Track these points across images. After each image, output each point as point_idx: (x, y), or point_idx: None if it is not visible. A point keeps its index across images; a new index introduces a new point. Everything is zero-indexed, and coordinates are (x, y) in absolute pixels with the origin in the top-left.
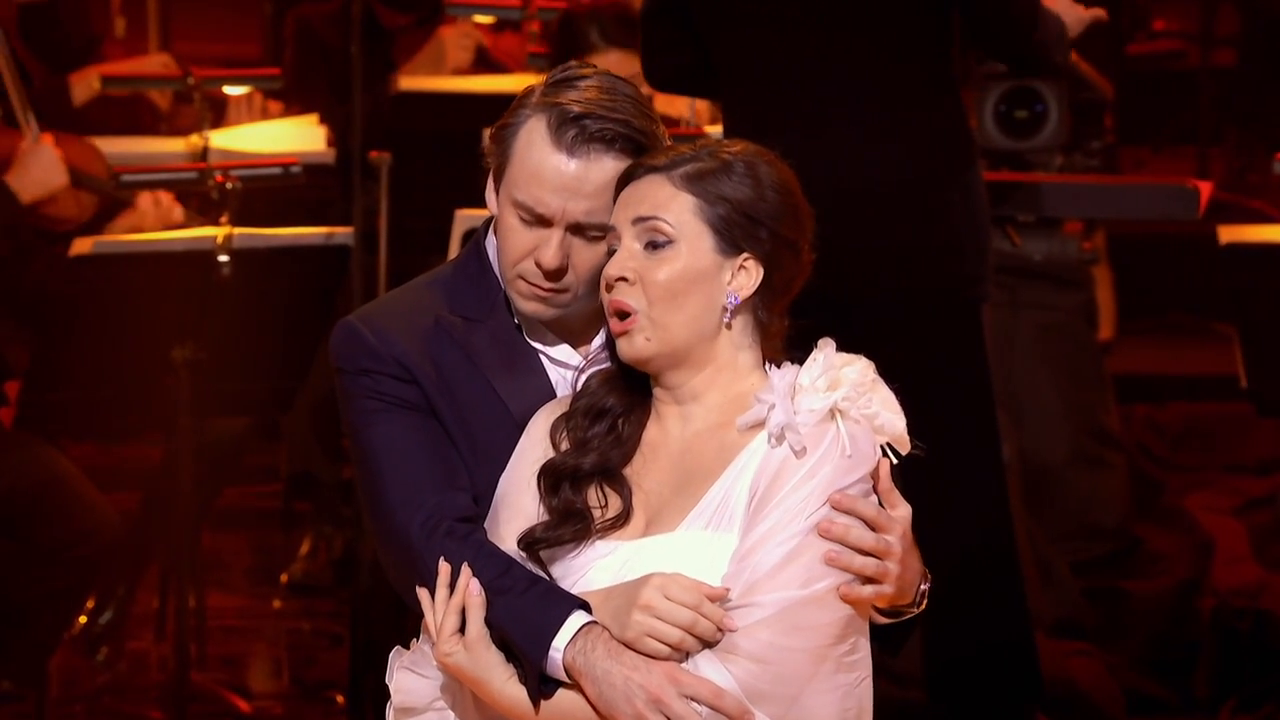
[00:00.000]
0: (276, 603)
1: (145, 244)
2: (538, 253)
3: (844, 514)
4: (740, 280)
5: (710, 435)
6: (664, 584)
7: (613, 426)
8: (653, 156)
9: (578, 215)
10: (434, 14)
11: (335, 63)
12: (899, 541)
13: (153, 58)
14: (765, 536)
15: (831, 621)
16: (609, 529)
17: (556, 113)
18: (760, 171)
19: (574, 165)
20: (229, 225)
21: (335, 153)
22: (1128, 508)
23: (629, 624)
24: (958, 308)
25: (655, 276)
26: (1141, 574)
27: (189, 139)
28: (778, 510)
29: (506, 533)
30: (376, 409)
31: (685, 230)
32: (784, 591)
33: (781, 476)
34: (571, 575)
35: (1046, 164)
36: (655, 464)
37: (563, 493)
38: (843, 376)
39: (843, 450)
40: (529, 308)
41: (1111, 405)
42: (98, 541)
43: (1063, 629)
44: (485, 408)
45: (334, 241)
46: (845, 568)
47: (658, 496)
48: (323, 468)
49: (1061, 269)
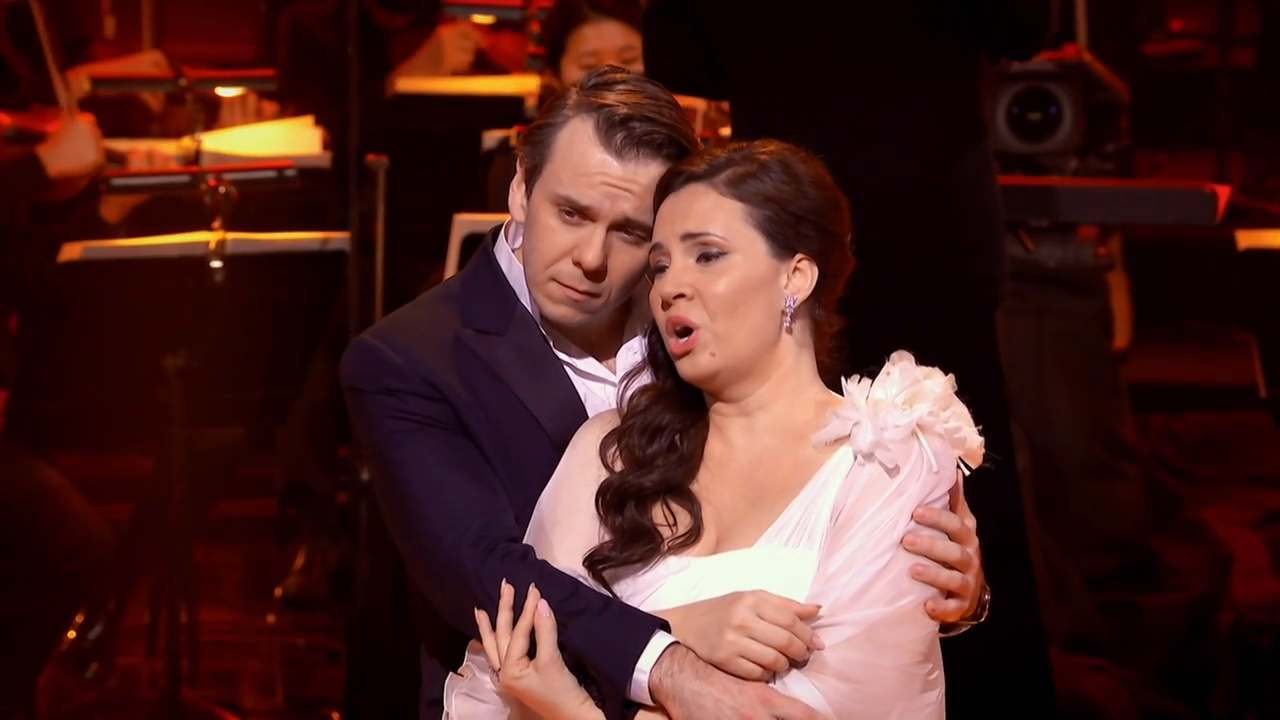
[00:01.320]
0: (271, 618)
1: (136, 249)
2: (578, 251)
3: (928, 527)
4: (797, 282)
5: (783, 449)
6: (757, 603)
7: (673, 443)
8: (689, 163)
9: (626, 211)
10: (431, 14)
11: (331, 64)
12: (976, 553)
13: (144, 57)
14: (854, 556)
15: (919, 638)
16: (680, 546)
17: (604, 114)
18: (797, 169)
19: (622, 167)
20: (222, 230)
21: (331, 156)
22: (1143, 520)
23: (720, 644)
24: (971, 309)
25: (714, 289)
26: (1158, 588)
27: (181, 141)
28: (866, 528)
29: (560, 553)
30: (405, 429)
31: (737, 239)
32: (872, 609)
33: (869, 494)
34: (640, 593)
35: (1060, 167)
36: (722, 479)
37: (628, 511)
38: (924, 390)
39: (929, 467)
40: (558, 312)
41: (1127, 415)
42: (88, 557)
43: (1076, 644)
44: (516, 423)
45: (330, 247)
46: (932, 582)
47: (730, 511)
48: (318, 479)
49: (1076, 275)
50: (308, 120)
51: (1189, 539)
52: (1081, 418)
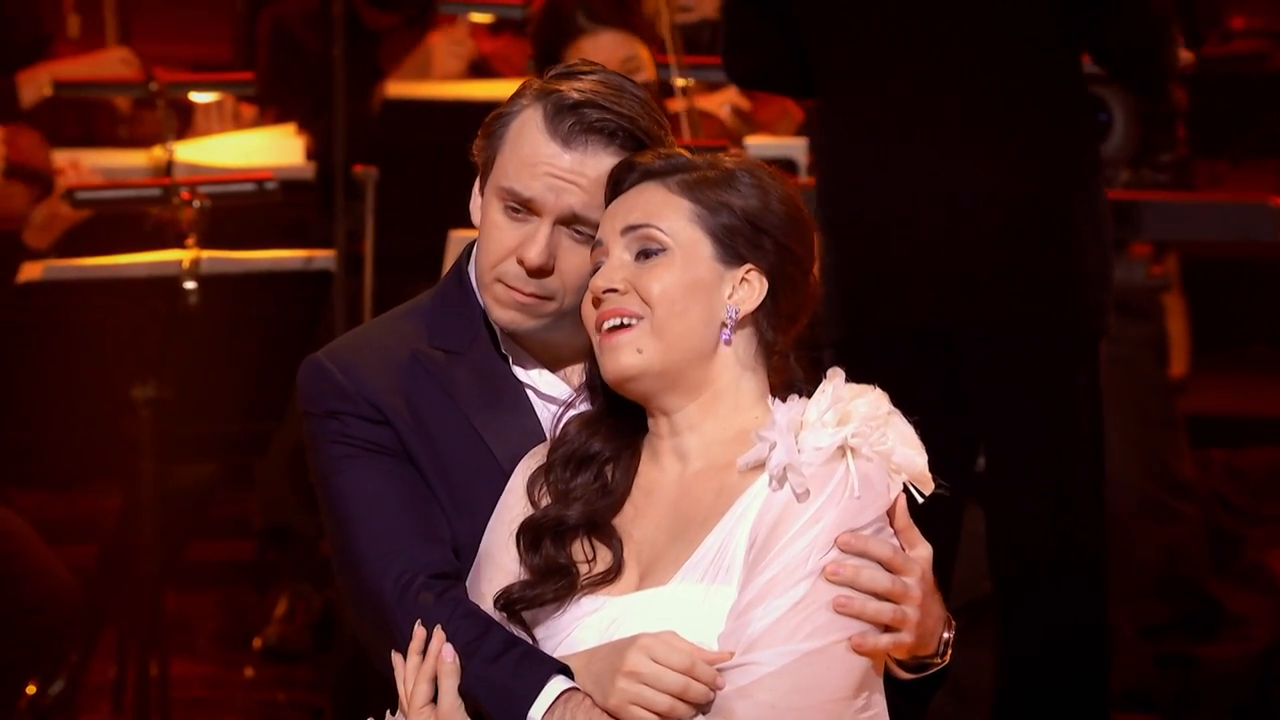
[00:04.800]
0: (249, 671)
1: (102, 269)
2: (521, 249)
3: (854, 555)
4: (742, 293)
5: (710, 476)
6: (650, 645)
7: (599, 474)
8: (644, 157)
9: (573, 205)
10: (424, 14)
11: (315, 67)
12: (918, 584)
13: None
14: (766, 589)
15: (843, 676)
16: (598, 584)
17: (553, 100)
18: (767, 183)
19: (569, 157)
20: (196, 248)
21: (315, 167)
22: (1202, 564)
23: (612, 690)
24: (1076, 344)
25: (649, 286)
26: (1218, 639)
27: (151, 151)
28: (779, 559)
29: (488, 590)
30: (345, 454)
31: (681, 237)
32: (788, 645)
33: (783, 523)
34: (556, 636)
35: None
36: (650, 510)
37: (544, 549)
38: (853, 410)
39: (850, 491)
40: (505, 316)
41: (1184, 449)
42: (50, 611)
43: (1130, 700)
44: (466, 451)
45: (314, 266)
46: (858, 615)
47: (652, 546)
48: (300, 520)
49: (1128, 296)
50: (290, 128)
51: (1251, 585)
52: (1134, 453)
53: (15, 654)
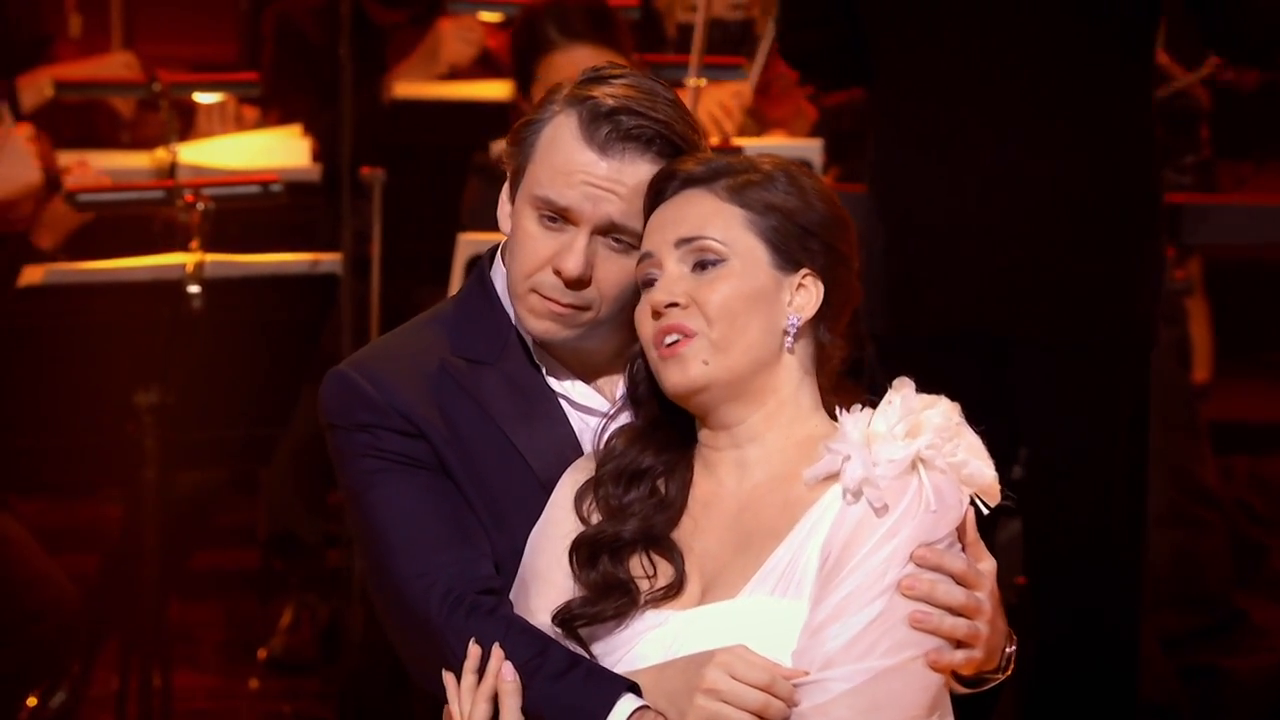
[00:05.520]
0: (253, 682)
1: (105, 273)
2: (558, 259)
3: (929, 569)
4: (801, 299)
5: (773, 488)
6: (729, 662)
7: (653, 489)
8: (683, 163)
9: (611, 214)
10: (431, 10)
11: (321, 65)
12: (989, 599)
13: (113, 57)
14: (842, 605)
15: (919, 693)
16: (660, 599)
17: (588, 107)
18: (803, 182)
19: (606, 165)
20: (200, 252)
21: (321, 168)
22: (1227, 574)
23: (690, 708)
24: (1123, 354)
25: (710, 298)
26: (1243, 651)
27: (154, 152)
28: (855, 575)
29: (538, 608)
30: (379, 468)
31: (738, 246)
32: (865, 662)
33: (858, 537)
34: (616, 651)
35: None
36: (709, 523)
37: (601, 565)
38: (925, 421)
39: (926, 505)
40: (540, 327)
41: (1208, 457)
42: (51, 620)
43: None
44: (502, 463)
45: (320, 270)
46: (934, 631)
47: (714, 560)
48: (306, 528)
49: None
50: (295, 129)
51: (1277, 596)
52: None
53: (15, 665)
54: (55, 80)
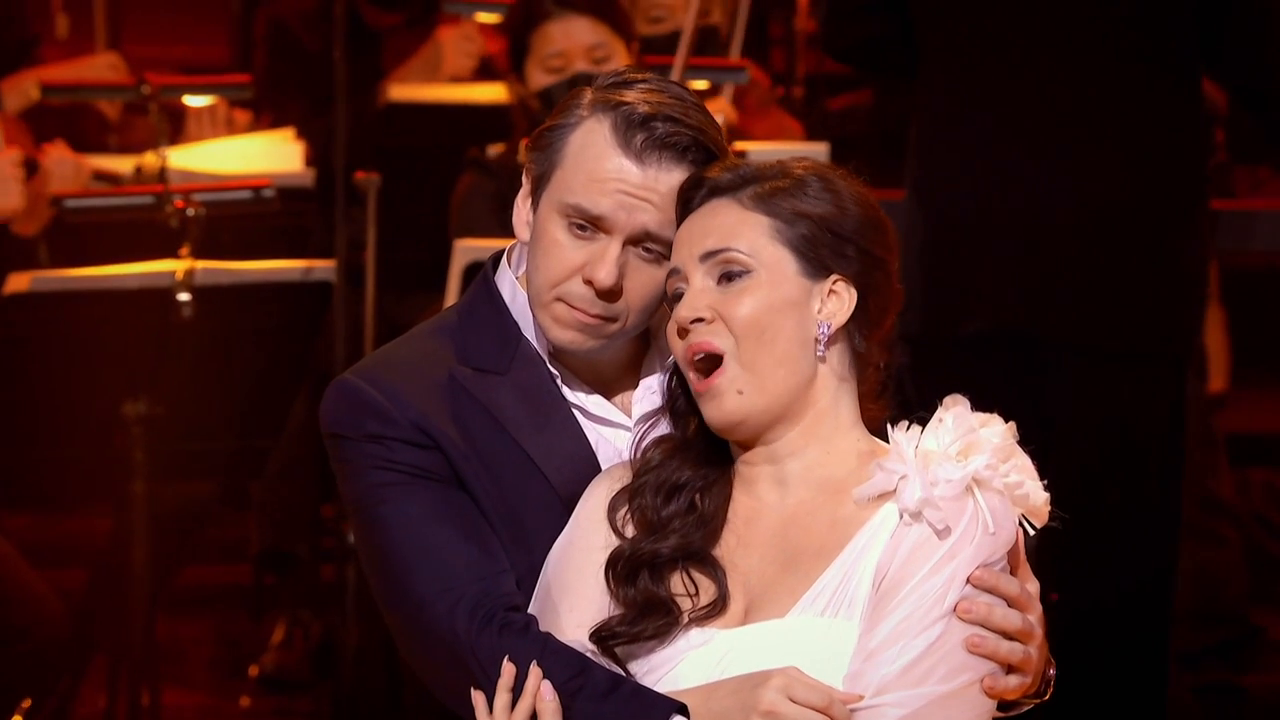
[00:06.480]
0: (245, 700)
1: (92, 280)
2: (589, 268)
3: (985, 592)
4: (832, 306)
5: (819, 506)
6: (787, 685)
7: (691, 504)
8: (711, 171)
9: (646, 224)
10: (429, 13)
11: (314, 69)
12: (1039, 622)
13: (99, 59)
14: (901, 628)
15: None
16: (704, 617)
17: (622, 113)
18: (838, 185)
19: (641, 173)
20: (190, 258)
21: (315, 173)
22: (1243, 590)
23: None
24: (1160, 365)
25: (736, 312)
26: (1261, 668)
27: (143, 157)
28: (912, 598)
29: (567, 625)
30: (391, 481)
31: (763, 256)
32: (922, 688)
33: (916, 559)
34: (657, 670)
35: None
36: (750, 540)
37: (641, 583)
38: (981, 440)
39: (985, 527)
40: (565, 337)
41: (1223, 469)
42: (38, 637)
43: None
44: (518, 475)
45: (313, 277)
46: (990, 655)
47: (759, 577)
48: (299, 542)
49: None
50: (288, 133)
51: None
52: None
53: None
54: (41, 83)
